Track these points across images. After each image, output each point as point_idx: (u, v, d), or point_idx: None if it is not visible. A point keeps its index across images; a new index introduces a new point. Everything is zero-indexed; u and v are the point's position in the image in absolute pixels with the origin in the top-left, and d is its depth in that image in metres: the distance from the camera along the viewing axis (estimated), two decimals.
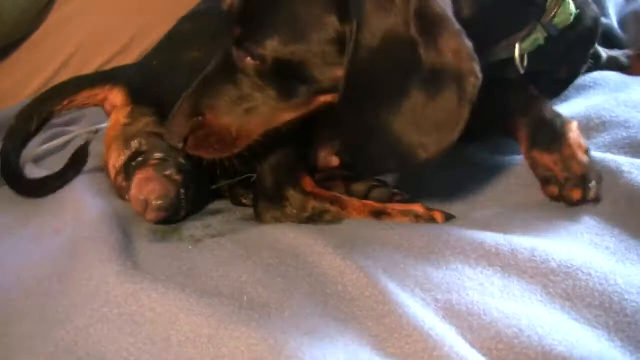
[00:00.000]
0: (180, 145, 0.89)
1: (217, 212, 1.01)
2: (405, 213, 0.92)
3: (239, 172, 0.98)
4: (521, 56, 0.93)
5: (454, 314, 0.72)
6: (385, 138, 0.79)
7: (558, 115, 0.92)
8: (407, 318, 0.70)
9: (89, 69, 1.65)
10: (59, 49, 1.67)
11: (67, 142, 1.28)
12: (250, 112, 0.87)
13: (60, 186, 1.11)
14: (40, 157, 1.21)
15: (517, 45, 0.92)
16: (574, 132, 0.88)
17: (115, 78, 1.16)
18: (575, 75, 1.08)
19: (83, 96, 1.16)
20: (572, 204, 0.85)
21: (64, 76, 1.61)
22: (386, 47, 0.78)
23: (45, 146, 1.20)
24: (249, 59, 0.85)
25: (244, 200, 1.05)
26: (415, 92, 0.77)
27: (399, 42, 0.77)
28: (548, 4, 0.92)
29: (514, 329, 0.68)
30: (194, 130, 0.88)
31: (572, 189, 0.84)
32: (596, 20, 1.02)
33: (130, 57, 1.65)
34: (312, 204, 0.95)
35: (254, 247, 0.86)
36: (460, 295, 0.74)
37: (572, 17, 0.93)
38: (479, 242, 0.80)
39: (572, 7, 0.92)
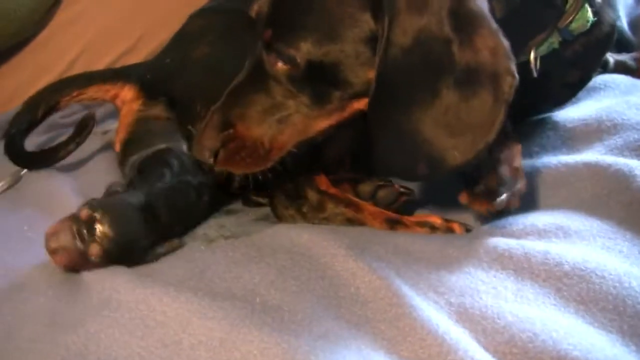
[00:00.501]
0: (211, 160, 0.86)
1: (231, 212, 1.01)
2: (421, 224, 0.91)
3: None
4: (535, 59, 0.92)
5: (467, 317, 0.72)
6: (417, 141, 0.78)
7: (506, 131, 0.90)
8: (422, 322, 0.70)
9: (95, 69, 1.64)
10: (65, 50, 1.66)
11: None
12: (284, 121, 0.84)
13: (63, 157, 1.12)
14: None
15: (533, 49, 0.91)
16: (511, 149, 0.88)
17: (127, 75, 1.17)
18: (587, 79, 1.07)
19: (93, 90, 1.17)
20: (482, 214, 0.85)
21: None
22: (419, 45, 0.76)
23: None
24: (280, 64, 0.83)
25: (257, 199, 1.04)
26: (448, 93, 0.76)
27: (432, 40, 0.76)
28: (567, 7, 0.90)
29: (528, 333, 0.68)
30: (225, 144, 0.85)
31: (480, 200, 0.84)
32: (613, 26, 1.01)
33: (138, 57, 1.65)
34: (329, 205, 0.95)
35: (267, 249, 0.85)
36: (474, 299, 0.73)
37: (589, 24, 0.92)
38: (492, 246, 0.79)
39: (589, 14, 0.91)
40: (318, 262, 0.81)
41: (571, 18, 0.90)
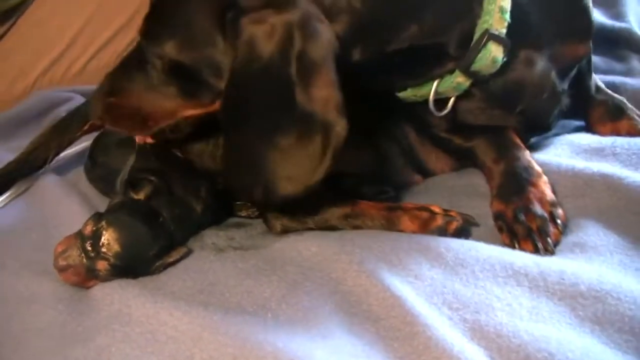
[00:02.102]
0: (99, 121, 0.95)
1: (240, 225, 1.00)
2: (420, 209, 0.90)
3: None
4: (439, 98, 0.92)
5: (482, 335, 0.70)
6: (255, 165, 0.80)
7: (529, 167, 0.92)
8: (436, 340, 0.69)
9: (96, 45, 1.66)
10: (65, 27, 1.65)
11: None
12: (156, 102, 0.89)
13: None
14: (60, 164, 1.20)
15: (434, 84, 0.91)
16: (538, 187, 0.89)
17: None
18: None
19: None
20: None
21: (72, 54, 1.65)
22: (263, 80, 0.78)
23: (64, 153, 1.18)
24: (151, 54, 0.87)
25: (241, 213, 1.03)
26: (288, 130, 0.78)
27: (276, 78, 0.78)
28: (470, 48, 0.88)
29: (544, 353, 0.67)
30: (108, 110, 0.92)
31: (525, 241, 0.84)
32: None
33: (134, 31, 1.64)
34: (323, 206, 0.93)
35: (277, 262, 0.84)
36: (489, 316, 0.72)
37: (497, 64, 0.89)
38: (509, 262, 0.78)
39: (494, 54, 0.88)
40: (329, 277, 0.80)
41: (470, 60, 0.88)
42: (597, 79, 1.14)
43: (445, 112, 0.94)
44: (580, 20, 0.98)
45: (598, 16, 1.43)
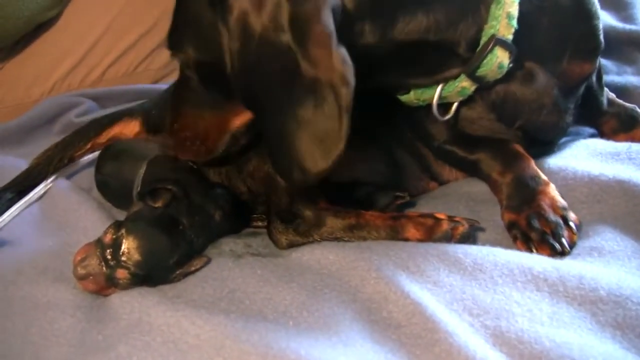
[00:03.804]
0: (172, 153, 0.97)
1: (256, 234, 1.00)
2: (425, 216, 0.90)
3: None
4: (442, 102, 0.92)
5: (504, 342, 0.71)
6: (286, 146, 0.77)
7: (536, 176, 0.92)
8: (458, 347, 0.69)
9: (115, 52, 1.67)
10: (85, 33, 1.66)
11: None
12: (209, 114, 0.90)
13: None
14: (74, 171, 1.21)
15: (439, 87, 0.91)
16: (547, 194, 0.89)
17: (131, 112, 1.21)
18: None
19: (104, 137, 1.18)
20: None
21: (91, 60, 1.66)
22: (264, 54, 0.76)
23: (82, 159, 1.19)
24: (184, 65, 0.88)
25: (257, 223, 1.03)
26: (303, 100, 0.74)
27: (275, 49, 0.75)
28: (476, 53, 0.88)
29: None
30: (175, 137, 0.94)
31: (541, 245, 0.84)
32: None
33: (156, 39, 1.67)
34: (328, 217, 0.93)
35: (296, 269, 0.84)
36: (510, 322, 0.73)
37: (504, 70, 0.89)
38: (528, 267, 0.78)
39: (499, 59, 0.88)
40: (348, 285, 0.80)
41: (477, 64, 0.88)
42: (609, 92, 1.15)
43: (448, 117, 0.94)
44: (589, 40, 0.98)
45: (609, 19, 1.44)
